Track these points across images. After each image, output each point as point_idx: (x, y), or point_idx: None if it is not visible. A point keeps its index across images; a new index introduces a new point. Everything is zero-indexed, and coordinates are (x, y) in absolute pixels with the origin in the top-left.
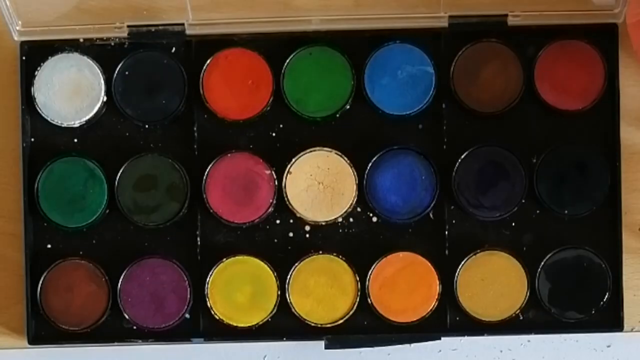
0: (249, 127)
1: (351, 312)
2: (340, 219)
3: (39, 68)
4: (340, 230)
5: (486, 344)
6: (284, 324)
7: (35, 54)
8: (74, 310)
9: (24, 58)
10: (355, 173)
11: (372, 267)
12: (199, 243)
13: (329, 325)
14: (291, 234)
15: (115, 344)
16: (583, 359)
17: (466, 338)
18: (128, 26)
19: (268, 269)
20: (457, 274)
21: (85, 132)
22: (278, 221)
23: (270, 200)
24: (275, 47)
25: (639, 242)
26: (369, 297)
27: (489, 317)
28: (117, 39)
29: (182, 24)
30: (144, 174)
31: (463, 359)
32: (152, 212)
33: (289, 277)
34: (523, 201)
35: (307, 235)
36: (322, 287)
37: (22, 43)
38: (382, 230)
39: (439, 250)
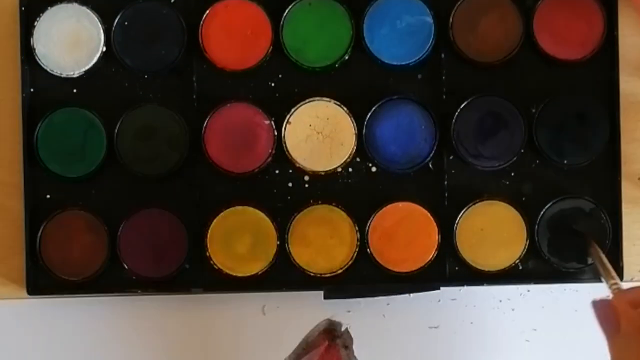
0: (248, 78)
1: (350, 262)
2: (339, 169)
3: (38, 19)
4: (340, 180)
5: (485, 294)
6: (283, 274)
7: (34, 4)
8: (73, 260)
9: (23, 9)
10: (354, 123)
11: (371, 217)
12: (198, 193)
13: (328, 275)
14: (290, 184)
15: (115, 294)
16: (583, 308)
17: (465, 288)
18: None
19: (267, 219)
20: (456, 223)
21: (84, 82)
22: (277, 171)
23: (270, 151)
24: None
25: (638, 192)
26: (368, 247)
27: (488, 267)
28: None
29: None
30: (143, 125)
31: (462, 309)
32: (152, 163)
33: (288, 227)
34: (522, 151)
35: (307, 186)
36: (322, 237)
37: None
38: (381, 180)
39: (438, 200)
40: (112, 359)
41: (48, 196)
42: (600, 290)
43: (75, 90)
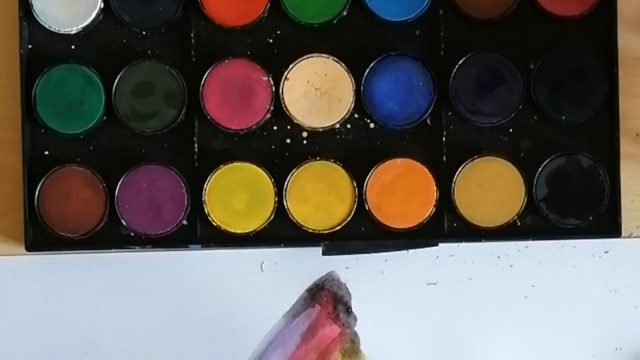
0: (246, 34)
1: (348, 219)
2: (337, 125)
3: None
4: (338, 137)
5: (484, 250)
6: (282, 231)
7: None
8: (71, 216)
9: None
10: (352, 79)
11: (370, 173)
12: (196, 150)
13: (326, 232)
14: (288, 140)
15: (113, 250)
16: (581, 265)
17: (464, 244)
18: None
19: (265, 175)
20: (454, 180)
21: (82, 38)
22: (275, 127)
23: (268, 107)
24: None
25: (636, 148)
26: (367, 204)
27: (486, 223)
28: None
29: None
30: (142, 81)
31: (461, 265)
32: (150, 119)
33: (286, 183)
34: (520, 107)
35: (305, 142)
36: (320, 194)
37: None
38: (379, 136)
39: (437, 157)
40: (110, 315)
41: (46, 153)
42: (598, 246)
43: (73, 47)
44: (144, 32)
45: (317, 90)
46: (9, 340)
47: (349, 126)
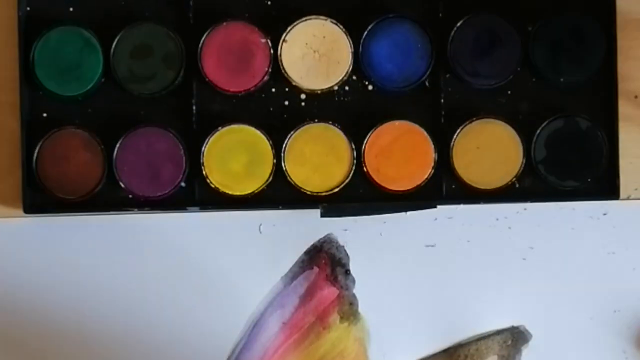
0: None
1: (347, 181)
2: (335, 88)
3: None
4: (336, 99)
5: (482, 212)
6: (280, 193)
7: None
8: (69, 178)
9: None
10: (350, 41)
11: (368, 135)
12: (194, 112)
13: (324, 194)
14: (287, 103)
15: (111, 212)
16: (579, 226)
17: (462, 206)
18: None
19: (264, 137)
20: (452, 142)
21: (80, 0)
22: (274, 90)
23: (266, 69)
24: None
25: (635, 110)
26: (365, 166)
27: (484, 185)
28: None
29: None
30: (140, 43)
31: (459, 227)
32: (148, 81)
33: (284, 145)
34: (519, 69)
35: (303, 104)
36: (318, 156)
37: None
38: (377, 98)
39: (435, 119)
40: (108, 277)
41: (45, 115)
42: (596, 208)
43: (71, 9)
44: None
45: (315, 53)
46: (7, 303)
47: (347, 88)
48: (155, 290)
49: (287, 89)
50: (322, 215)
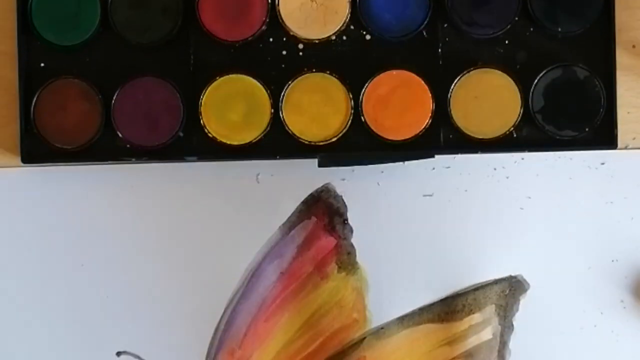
0: None
1: (344, 130)
2: (333, 37)
3: None
4: (334, 48)
5: (480, 162)
6: (277, 142)
7: None
8: (67, 128)
9: None
10: None
11: (366, 85)
12: (192, 61)
13: (322, 143)
14: (284, 52)
15: (109, 162)
16: (577, 176)
17: (460, 156)
18: None
19: (261, 87)
20: (450, 91)
21: None
22: (271, 39)
23: (264, 19)
24: None
25: (632, 59)
26: (363, 115)
27: (482, 135)
28: None
29: None
30: None
31: (457, 177)
32: (146, 31)
33: (282, 95)
34: (517, 19)
35: (301, 54)
36: (316, 105)
37: None
38: (375, 48)
39: (433, 68)
40: (106, 227)
41: (42, 65)
42: (594, 158)
43: None
44: None
45: (313, 2)
46: (4, 252)
47: (344, 38)
48: (153, 240)
49: (284, 39)
50: (320, 165)
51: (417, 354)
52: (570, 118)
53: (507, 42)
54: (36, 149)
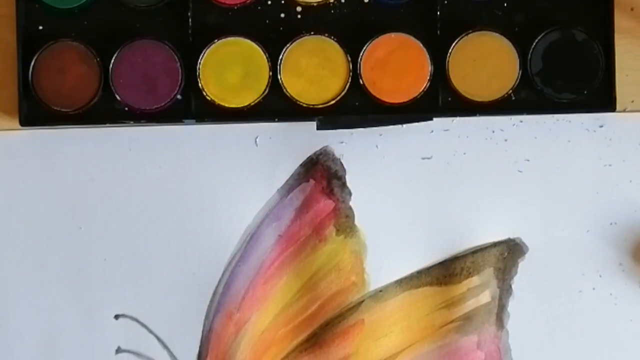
0: None
1: (343, 93)
2: (331, 0)
3: None
4: (332, 11)
5: (478, 125)
6: (276, 105)
7: None
8: (65, 91)
9: None
10: None
11: (364, 48)
12: (190, 24)
13: (320, 106)
14: (283, 15)
15: (107, 125)
16: (575, 139)
17: (458, 119)
18: None
19: (260, 50)
20: (448, 54)
21: None
22: (269, 2)
23: None
24: None
25: (631, 22)
26: (361, 78)
27: (480, 98)
28: None
29: None
30: None
31: (455, 140)
32: None
33: (280, 58)
34: None
35: (299, 16)
36: (314, 68)
37: None
38: (373, 11)
39: (431, 32)
40: (104, 190)
41: (41, 28)
42: (592, 121)
43: None
44: None
45: None
46: (3, 214)
47: (343, 1)
48: (151, 203)
49: (283, 1)
50: (318, 128)
51: (415, 316)
52: (568, 81)
53: (505, 4)
54: (35, 111)
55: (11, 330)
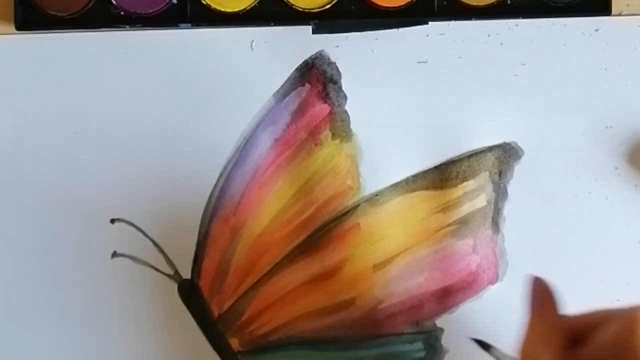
0: None
1: None
2: None
3: None
4: None
5: (474, 29)
6: (272, 9)
7: None
8: None
9: None
10: None
11: None
12: None
13: (316, 10)
14: None
15: (103, 29)
16: (571, 43)
17: (454, 23)
18: None
19: None
20: None
21: None
22: None
23: None
24: None
25: None
26: None
27: (476, 1)
28: None
29: None
30: None
31: (450, 44)
32: None
33: None
34: None
35: None
36: None
37: None
38: None
39: None
40: (99, 95)
41: None
42: (588, 24)
43: None
44: None
45: None
46: None
47: None
48: (148, 107)
49: None
50: (314, 32)
51: (411, 220)
52: None
53: None
54: (30, 16)
55: (6, 237)
